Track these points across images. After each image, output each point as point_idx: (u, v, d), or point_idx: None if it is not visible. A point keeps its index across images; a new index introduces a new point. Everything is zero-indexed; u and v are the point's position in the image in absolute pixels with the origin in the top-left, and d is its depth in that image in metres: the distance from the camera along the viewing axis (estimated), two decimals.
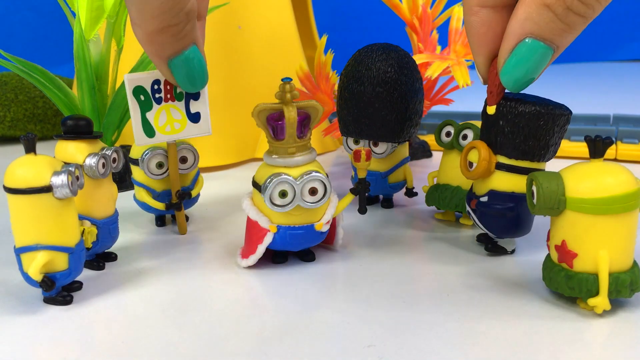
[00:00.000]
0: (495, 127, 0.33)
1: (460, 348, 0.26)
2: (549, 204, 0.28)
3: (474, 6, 0.29)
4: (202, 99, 0.37)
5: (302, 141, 0.34)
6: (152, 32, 0.30)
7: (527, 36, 0.27)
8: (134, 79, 0.35)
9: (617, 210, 0.27)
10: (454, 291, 0.32)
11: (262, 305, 0.31)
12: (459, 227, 0.41)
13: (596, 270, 0.28)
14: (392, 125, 0.41)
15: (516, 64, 0.28)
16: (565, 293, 0.29)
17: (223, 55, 0.60)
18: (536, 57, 0.27)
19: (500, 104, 0.32)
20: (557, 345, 0.26)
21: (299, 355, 0.26)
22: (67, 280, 0.31)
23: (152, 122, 0.36)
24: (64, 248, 0.30)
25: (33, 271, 0.29)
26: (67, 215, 0.30)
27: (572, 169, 0.29)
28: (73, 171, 0.30)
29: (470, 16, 0.29)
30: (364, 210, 0.36)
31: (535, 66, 0.28)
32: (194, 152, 0.40)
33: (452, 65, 0.50)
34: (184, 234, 0.41)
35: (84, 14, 0.45)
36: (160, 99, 0.36)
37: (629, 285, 0.28)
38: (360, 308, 0.30)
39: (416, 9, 0.54)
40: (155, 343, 0.27)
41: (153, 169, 0.39)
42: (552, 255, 0.30)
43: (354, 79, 0.41)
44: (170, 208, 0.40)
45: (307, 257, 0.36)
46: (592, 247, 0.28)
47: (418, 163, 0.60)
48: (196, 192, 0.42)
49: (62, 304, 0.31)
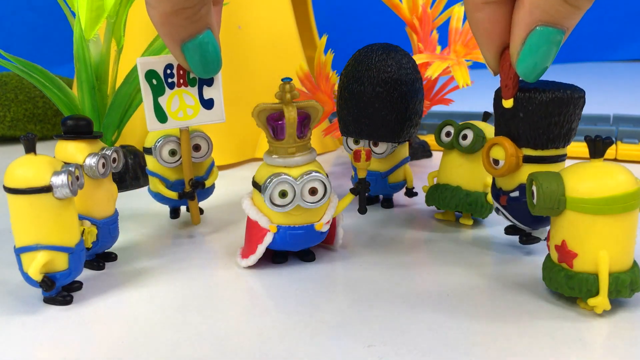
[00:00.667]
0: (514, 119, 0.32)
1: (460, 348, 0.26)
2: (549, 204, 0.28)
3: (478, 3, 0.29)
4: (215, 85, 0.36)
5: (302, 141, 0.34)
6: (166, 13, 0.29)
7: (537, 24, 0.27)
8: (147, 63, 0.34)
9: (618, 210, 0.27)
10: (454, 291, 0.32)
11: (262, 305, 0.31)
12: (459, 227, 0.41)
13: (596, 270, 0.28)
14: (392, 125, 0.41)
15: (531, 53, 0.28)
16: (566, 293, 0.29)
17: (223, 55, 0.59)
18: (549, 43, 0.27)
19: (517, 96, 0.32)
20: (557, 345, 0.26)
21: (299, 355, 0.26)
22: (67, 280, 0.31)
23: (165, 107, 0.35)
24: (64, 248, 0.30)
25: (33, 271, 0.29)
26: (67, 215, 0.30)
27: (572, 169, 0.29)
28: (73, 171, 0.30)
29: (474, 13, 0.29)
30: (364, 210, 0.36)
31: (550, 52, 0.28)
32: (208, 141, 0.40)
33: (452, 65, 0.50)
34: (197, 224, 0.41)
35: (84, 14, 0.45)
36: (173, 83, 0.35)
37: (629, 285, 0.28)
38: (360, 308, 0.30)
39: (416, 9, 0.54)
40: (155, 343, 0.27)
41: (166, 156, 0.39)
42: (552, 256, 0.30)
43: (354, 79, 0.41)
44: (184, 197, 0.39)
45: (307, 257, 0.36)
46: (592, 247, 0.28)
47: (418, 163, 0.60)
48: (210, 182, 0.41)
49: (62, 304, 0.31)
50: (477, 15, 0.29)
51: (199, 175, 0.40)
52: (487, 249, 0.37)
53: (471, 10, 0.29)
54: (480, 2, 0.29)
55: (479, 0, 0.29)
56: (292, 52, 0.65)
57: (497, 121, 0.34)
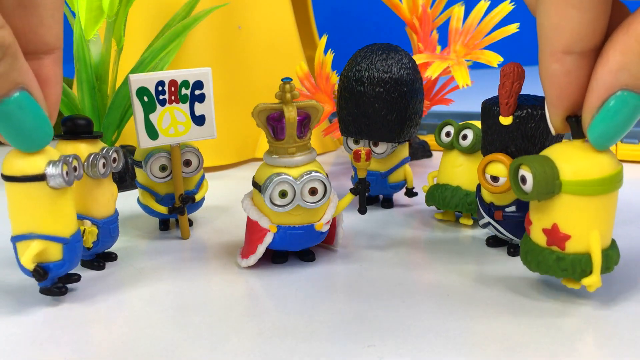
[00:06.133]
0: (513, 136, 0.32)
1: (460, 348, 0.26)
2: (545, 189, 0.28)
3: (557, 52, 0.25)
4: (207, 101, 0.37)
5: (302, 141, 0.34)
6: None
7: (621, 88, 0.24)
8: (138, 80, 0.35)
9: (609, 190, 0.27)
10: (454, 291, 0.32)
11: (262, 305, 0.31)
12: (459, 227, 0.41)
13: (587, 250, 0.28)
14: (392, 125, 0.41)
15: (607, 119, 0.25)
16: (557, 275, 0.29)
17: (223, 55, 0.60)
18: (630, 110, 0.25)
19: (515, 113, 0.32)
20: (557, 344, 0.26)
21: (299, 355, 0.26)
22: (61, 271, 0.30)
23: (156, 124, 0.36)
24: (58, 238, 0.30)
25: (25, 260, 0.29)
26: (63, 205, 0.30)
27: (556, 151, 0.28)
28: (71, 161, 0.29)
29: (551, 63, 0.26)
30: (364, 210, 0.36)
31: (630, 120, 0.25)
32: (199, 156, 0.39)
33: (452, 65, 0.50)
34: (187, 238, 0.40)
35: (84, 14, 0.45)
36: (164, 100, 0.36)
37: (614, 260, 0.29)
38: (360, 308, 0.30)
39: (416, 9, 0.54)
40: (155, 343, 0.27)
41: (156, 171, 0.38)
42: (538, 239, 0.29)
43: (354, 79, 0.41)
44: (174, 212, 0.39)
45: (307, 257, 0.36)
46: (586, 228, 0.28)
47: (418, 163, 0.60)
48: (200, 196, 0.41)
49: (57, 295, 0.31)
50: (554, 67, 0.26)
51: (189, 189, 0.40)
52: (487, 248, 0.37)
53: (547, 59, 0.26)
54: (560, 52, 0.25)
55: (558, 48, 0.25)
56: (292, 52, 0.65)
57: (492, 137, 0.34)
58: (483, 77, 0.66)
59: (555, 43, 0.25)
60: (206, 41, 0.59)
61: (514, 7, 0.51)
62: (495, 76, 0.33)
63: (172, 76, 0.36)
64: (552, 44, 0.25)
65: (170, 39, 0.50)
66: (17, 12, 0.26)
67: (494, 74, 0.36)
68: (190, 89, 0.36)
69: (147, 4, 0.57)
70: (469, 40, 0.52)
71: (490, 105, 0.33)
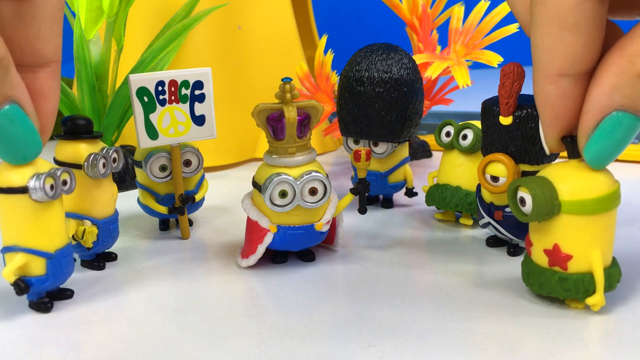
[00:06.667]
0: (513, 136, 0.32)
1: (460, 348, 0.26)
2: (545, 210, 0.28)
3: (552, 75, 0.25)
4: (207, 101, 0.37)
5: (302, 141, 0.34)
6: None
7: (615, 109, 0.24)
8: (138, 80, 0.35)
9: (607, 208, 0.27)
10: (454, 291, 0.32)
11: (262, 305, 0.31)
12: (459, 227, 0.41)
13: (590, 269, 0.28)
14: (392, 125, 0.41)
15: (602, 139, 0.25)
16: (560, 296, 0.29)
17: (223, 55, 0.60)
18: (625, 131, 0.25)
19: (515, 113, 0.32)
20: (557, 344, 0.26)
21: (299, 355, 0.26)
22: (44, 286, 0.30)
23: (156, 124, 0.36)
24: (41, 252, 0.29)
25: (7, 272, 0.28)
26: (48, 219, 0.29)
27: (553, 172, 0.28)
28: (58, 176, 0.29)
29: (546, 85, 0.26)
30: (364, 210, 0.36)
31: (624, 140, 0.25)
32: (199, 156, 0.39)
33: (452, 65, 0.50)
34: (187, 238, 0.40)
35: (84, 14, 0.45)
36: (164, 100, 0.36)
37: (616, 278, 0.29)
38: (360, 308, 0.30)
39: (416, 9, 0.54)
40: (155, 343, 0.27)
41: (156, 171, 0.38)
42: (539, 260, 0.29)
43: (354, 79, 0.41)
44: (173, 212, 0.39)
45: (307, 257, 0.36)
46: (587, 247, 0.28)
47: (418, 163, 0.60)
48: (200, 196, 0.41)
49: (41, 311, 0.30)
50: (548, 89, 0.26)
51: (189, 189, 0.40)
52: (487, 248, 0.37)
53: (542, 82, 0.26)
54: (555, 74, 0.25)
55: (553, 71, 0.25)
56: (292, 52, 0.65)
57: (492, 137, 0.34)
58: (483, 77, 0.66)
59: (549, 66, 0.25)
60: (206, 41, 0.59)
61: None
62: (495, 76, 0.33)
63: (172, 76, 0.36)
64: (547, 67, 0.25)
65: (170, 39, 0.50)
66: (13, 24, 0.26)
67: (494, 74, 0.36)
68: (190, 89, 0.36)
69: (147, 4, 0.57)
70: (469, 40, 0.52)
71: (490, 105, 0.33)
